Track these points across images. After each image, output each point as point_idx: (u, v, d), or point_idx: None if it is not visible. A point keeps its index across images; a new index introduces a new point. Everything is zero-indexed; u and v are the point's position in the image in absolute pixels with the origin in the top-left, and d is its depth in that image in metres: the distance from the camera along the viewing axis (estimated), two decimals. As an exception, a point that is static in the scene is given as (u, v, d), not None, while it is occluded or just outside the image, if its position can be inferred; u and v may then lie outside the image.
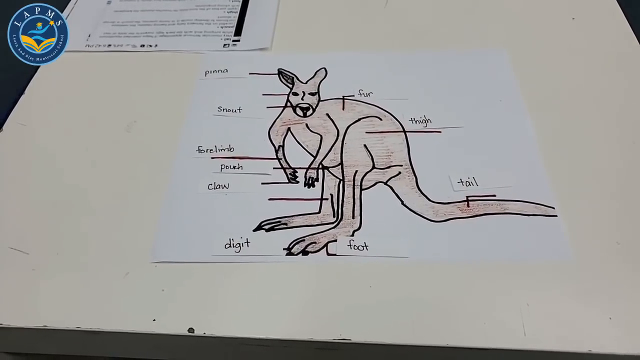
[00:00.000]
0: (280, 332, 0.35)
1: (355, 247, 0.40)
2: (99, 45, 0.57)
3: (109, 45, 0.57)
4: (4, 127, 0.49)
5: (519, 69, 0.52)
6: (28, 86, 0.52)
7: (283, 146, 0.47)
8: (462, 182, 0.44)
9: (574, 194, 0.43)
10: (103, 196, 0.43)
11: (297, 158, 0.46)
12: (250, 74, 0.53)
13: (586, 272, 0.38)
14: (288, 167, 0.45)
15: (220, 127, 0.48)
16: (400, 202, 0.43)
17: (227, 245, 0.40)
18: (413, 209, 0.42)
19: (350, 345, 0.35)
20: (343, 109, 0.50)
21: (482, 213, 0.42)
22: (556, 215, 0.41)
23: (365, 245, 0.40)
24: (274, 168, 0.45)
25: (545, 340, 0.35)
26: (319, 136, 0.47)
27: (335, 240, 0.40)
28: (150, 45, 0.57)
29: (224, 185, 0.44)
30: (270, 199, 0.43)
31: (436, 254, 0.39)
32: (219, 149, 0.46)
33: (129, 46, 0.57)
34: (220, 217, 0.42)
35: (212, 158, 0.46)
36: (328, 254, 0.40)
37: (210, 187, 0.44)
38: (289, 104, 0.50)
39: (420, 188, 0.43)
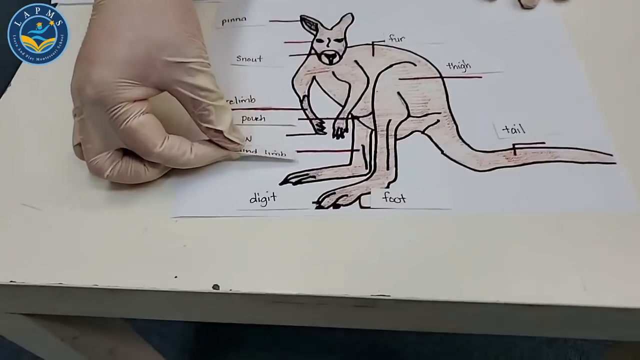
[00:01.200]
0: (313, 288, 0.32)
1: (392, 200, 0.36)
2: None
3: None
4: (13, 80, 0.46)
5: (564, 6, 0.47)
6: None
7: (308, 96, 0.43)
8: (507, 129, 0.40)
9: (634, 140, 0.38)
10: (118, 150, 0.40)
11: (324, 108, 0.42)
12: (270, 21, 0.49)
13: (651, 222, 0.34)
14: (314, 117, 0.42)
15: (239, 78, 0.45)
16: (440, 152, 0.39)
17: (253, 200, 0.37)
18: (455, 158, 0.38)
19: (389, 302, 0.32)
20: (373, 55, 0.46)
21: (530, 161, 0.38)
22: (615, 163, 0.37)
23: (403, 198, 0.36)
24: (299, 119, 0.42)
25: (607, 295, 0.31)
26: (347, 84, 0.44)
27: (369, 193, 0.37)
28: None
29: (247, 138, 0.40)
30: (297, 152, 0.39)
31: (482, 206, 0.36)
32: (240, 100, 0.43)
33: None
34: (243, 171, 0.39)
35: (233, 109, 0.42)
36: (361, 207, 0.36)
37: (232, 139, 0.40)
38: (313, 51, 0.46)
39: (462, 136, 0.40)
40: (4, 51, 0.41)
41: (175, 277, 0.33)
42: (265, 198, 0.37)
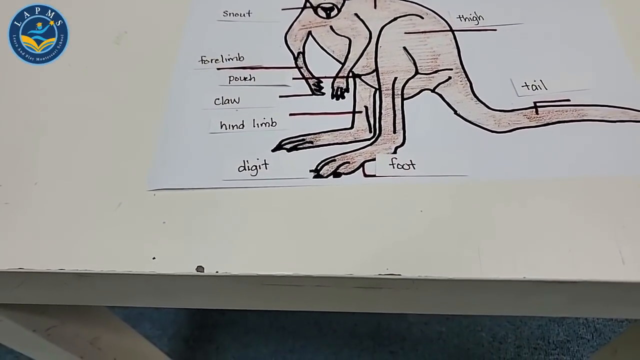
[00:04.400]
0: (311, 269, 0.28)
1: (400, 166, 0.32)
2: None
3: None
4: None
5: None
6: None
7: (303, 53, 0.38)
8: (527, 85, 0.35)
9: (672, 95, 0.34)
10: (89, 116, 0.36)
11: (322, 66, 0.38)
12: (260, -28, 0.44)
13: (696, 186, 0.30)
14: (311, 76, 0.37)
15: (226, 34, 0.40)
16: (453, 112, 0.34)
17: (241, 168, 0.32)
18: (469, 119, 0.34)
19: (400, 282, 0.28)
20: (375, 7, 0.41)
21: (554, 121, 0.34)
22: (650, 121, 0.33)
23: (412, 164, 0.32)
24: (294, 78, 0.37)
25: (649, 270, 0.27)
26: (347, 39, 0.39)
27: (374, 159, 0.33)
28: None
29: (234, 100, 0.36)
30: (291, 114, 0.35)
31: (503, 171, 0.32)
32: (226, 59, 0.38)
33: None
34: (230, 136, 0.34)
35: (218, 69, 0.38)
36: (365, 175, 0.32)
37: (218, 102, 0.36)
38: (308, 4, 0.41)
39: (477, 94, 0.35)
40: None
41: (154, 258, 0.29)
42: (256, 166, 0.33)
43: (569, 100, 0.35)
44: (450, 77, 0.36)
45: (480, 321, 0.81)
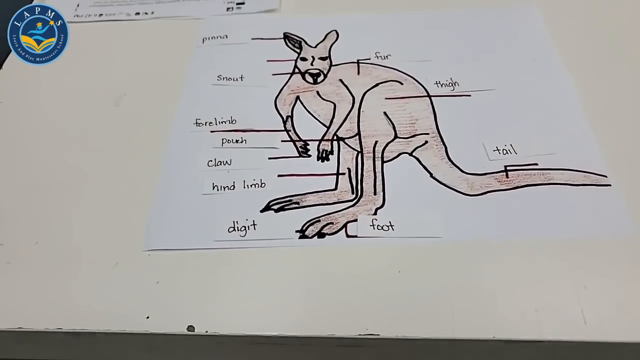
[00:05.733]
0: (296, 329, 0.30)
1: (379, 227, 0.34)
2: (89, 15, 0.52)
3: (100, 14, 0.52)
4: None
5: (551, 25, 0.46)
6: (6, 61, 0.47)
7: (292, 116, 0.41)
8: (498, 150, 0.38)
9: (629, 160, 0.37)
10: (88, 178, 0.38)
11: (308, 129, 0.40)
12: (252, 39, 0.47)
13: (652, 248, 0.32)
14: (298, 139, 0.40)
15: (220, 98, 0.43)
16: (429, 175, 0.37)
17: (231, 229, 0.34)
18: (444, 182, 0.37)
19: (379, 342, 0.30)
20: (358, 73, 0.44)
21: (523, 184, 0.36)
22: (610, 185, 0.36)
23: (391, 225, 0.34)
24: (282, 141, 0.40)
25: (609, 329, 0.29)
26: (332, 104, 0.42)
27: (356, 220, 0.35)
28: (147, 13, 0.51)
29: (226, 162, 0.38)
30: (279, 176, 0.37)
31: (474, 232, 0.34)
32: (220, 122, 0.41)
33: (122, 14, 0.51)
34: (222, 198, 0.36)
35: (212, 132, 0.40)
36: (348, 236, 0.34)
37: (211, 163, 0.38)
38: (296, 70, 0.44)
39: (451, 158, 0.38)
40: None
41: (147, 317, 0.30)
42: (245, 227, 0.35)
43: (536, 164, 0.37)
44: (426, 141, 0.39)
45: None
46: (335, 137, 0.40)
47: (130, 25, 0.50)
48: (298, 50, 0.46)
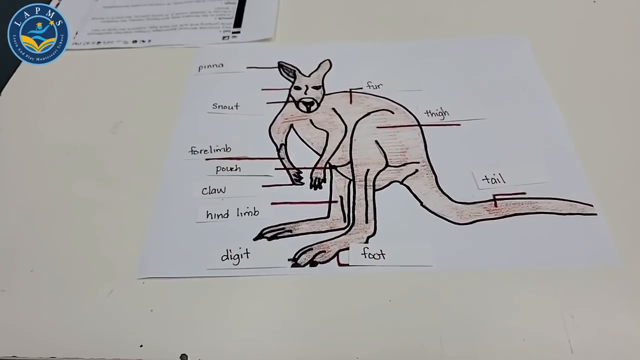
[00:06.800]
0: (287, 357, 0.30)
1: (371, 256, 0.35)
2: (87, 43, 0.53)
3: (98, 42, 0.53)
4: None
5: (540, 57, 0.48)
6: (5, 87, 0.48)
7: (285, 145, 0.42)
8: (487, 179, 0.39)
9: (615, 190, 0.38)
10: (84, 205, 0.38)
11: (302, 157, 0.41)
12: (248, 68, 0.48)
13: (636, 276, 0.33)
14: (292, 167, 0.41)
15: (215, 126, 0.44)
16: (419, 204, 0.38)
17: (224, 257, 0.35)
18: (434, 210, 0.37)
19: (369, 371, 0.30)
20: (350, 102, 0.45)
21: (511, 213, 0.37)
22: (596, 214, 0.37)
23: (382, 254, 0.35)
24: (276, 169, 0.40)
25: (596, 356, 0.30)
26: (325, 133, 0.43)
27: (347, 249, 0.35)
28: (144, 41, 0.52)
29: (220, 189, 0.39)
30: (272, 203, 0.38)
31: (463, 262, 0.35)
32: (215, 149, 0.42)
33: (120, 42, 0.52)
34: (216, 226, 0.37)
35: (207, 159, 0.41)
36: (339, 265, 0.35)
37: (205, 191, 0.39)
38: (290, 99, 0.46)
39: (441, 187, 0.39)
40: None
41: (141, 346, 0.31)
42: (238, 255, 0.35)
43: (524, 193, 0.38)
44: (417, 170, 0.40)
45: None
46: (328, 165, 0.41)
47: (128, 53, 0.51)
48: (292, 79, 0.47)
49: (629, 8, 0.52)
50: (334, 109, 0.45)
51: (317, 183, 0.40)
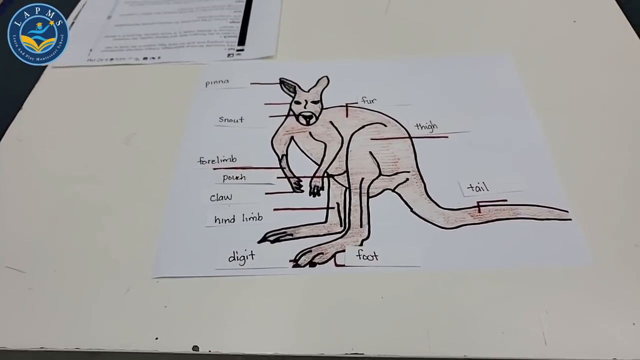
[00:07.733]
0: (289, 348, 0.33)
1: (365, 257, 0.38)
2: (101, 60, 0.56)
3: (111, 59, 0.56)
4: (1, 142, 0.47)
5: (523, 73, 0.52)
6: (26, 101, 0.51)
7: (287, 155, 0.46)
8: (472, 187, 0.42)
9: (588, 197, 0.41)
10: (102, 211, 0.42)
11: (302, 167, 0.45)
12: (251, 84, 0.52)
13: (606, 276, 0.37)
14: (292, 176, 0.44)
15: (222, 138, 0.47)
16: (409, 210, 0.41)
17: (231, 258, 0.38)
18: (423, 216, 0.41)
19: (364, 359, 0.33)
20: (347, 116, 0.49)
21: (494, 219, 0.40)
22: (570, 219, 0.40)
23: (375, 255, 0.38)
24: (278, 177, 0.44)
25: (567, 348, 0.33)
26: (323, 144, 0.46)
27: (344, 251, 0.39)
28: (154, 58, 0.56)
29: (227, 197, 0.42)
30: (275, 209, 0.41)
31: (449, 262, 0.38)
32: (221, 160, 0.45)
33: (131, 59, 0.56)
34: (223, 230, 0.40)
35: (214, 169, 0.44)
36: (336, 265, 0.38)
37: (213, 198, 0.42)
38: (291, 112, 0.49)
39: (430, 194, 0.42)
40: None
41: (156, 338, 0.34)
42: (244, 257, 0.39)
43: (506, 200, 0.42)
44: (407, 179, 0.43)
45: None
46: (325, 174, 0.44)
47: (139, 69, 0.55)
48: (292, 95, 0.51)
49: (606, 28, 0.56)
50: (331, 122, 0.48)
51: (315, 191, 0.43)
